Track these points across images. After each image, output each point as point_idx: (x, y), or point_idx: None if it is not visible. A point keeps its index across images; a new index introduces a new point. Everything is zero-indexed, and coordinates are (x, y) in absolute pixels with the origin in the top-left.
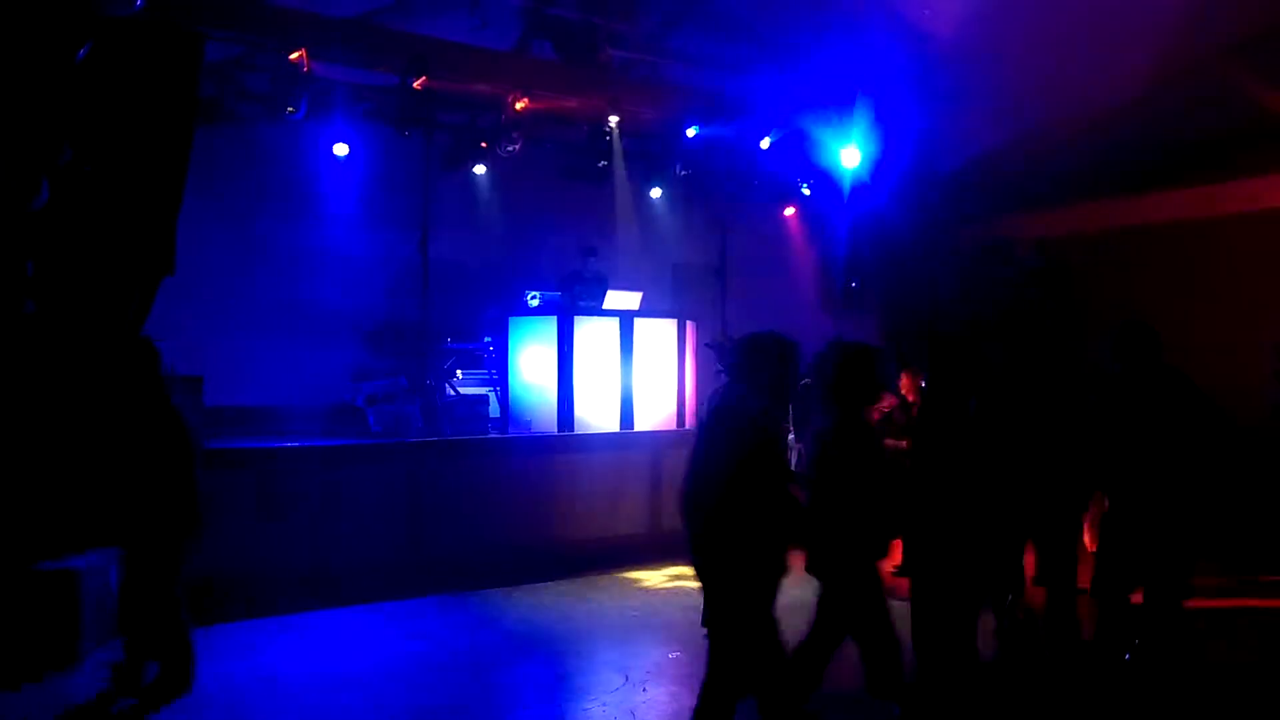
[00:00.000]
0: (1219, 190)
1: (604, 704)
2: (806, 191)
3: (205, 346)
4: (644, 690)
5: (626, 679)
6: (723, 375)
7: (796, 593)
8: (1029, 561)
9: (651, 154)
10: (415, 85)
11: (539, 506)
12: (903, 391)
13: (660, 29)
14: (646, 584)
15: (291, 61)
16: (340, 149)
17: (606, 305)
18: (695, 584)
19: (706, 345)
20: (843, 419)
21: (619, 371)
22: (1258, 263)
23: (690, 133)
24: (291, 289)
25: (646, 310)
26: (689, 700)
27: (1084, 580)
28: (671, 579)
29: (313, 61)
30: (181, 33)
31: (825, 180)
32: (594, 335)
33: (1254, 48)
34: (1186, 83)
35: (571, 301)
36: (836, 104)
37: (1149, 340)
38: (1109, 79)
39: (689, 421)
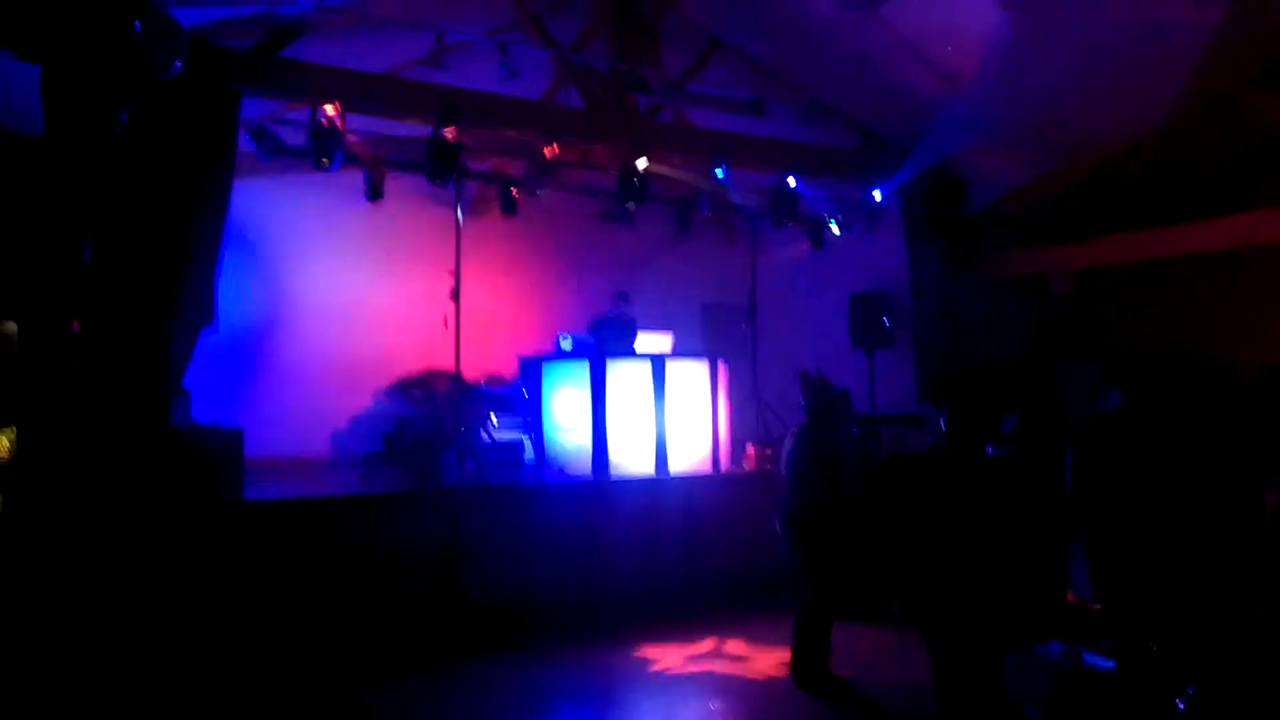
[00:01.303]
0: (1249, 219)
1: None
2: (836, 230)
3: (244, 399)
4: None
5: None
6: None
7: None
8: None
9: (680, 196)
10: (446, 135)
11: (575, 552)
12: None
13: (685, 75)
14: (685, 631)
15: (325, 116)
16: (375, 199)
17: (638, 347)
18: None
19: (799, 374)
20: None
21: (652, 414)
22: None
23: (718, 174)
24: (327, 338)
25: (678, 351)
26: None
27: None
28: (709, 626)
29: (346, 114)
30: (218, 92)
31: (855, 217)
32: (627, 378)
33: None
34: (1210, 114)
35: (603, 344)
36: (859, 142)
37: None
38: (1132, 112)
39: (724, 463)
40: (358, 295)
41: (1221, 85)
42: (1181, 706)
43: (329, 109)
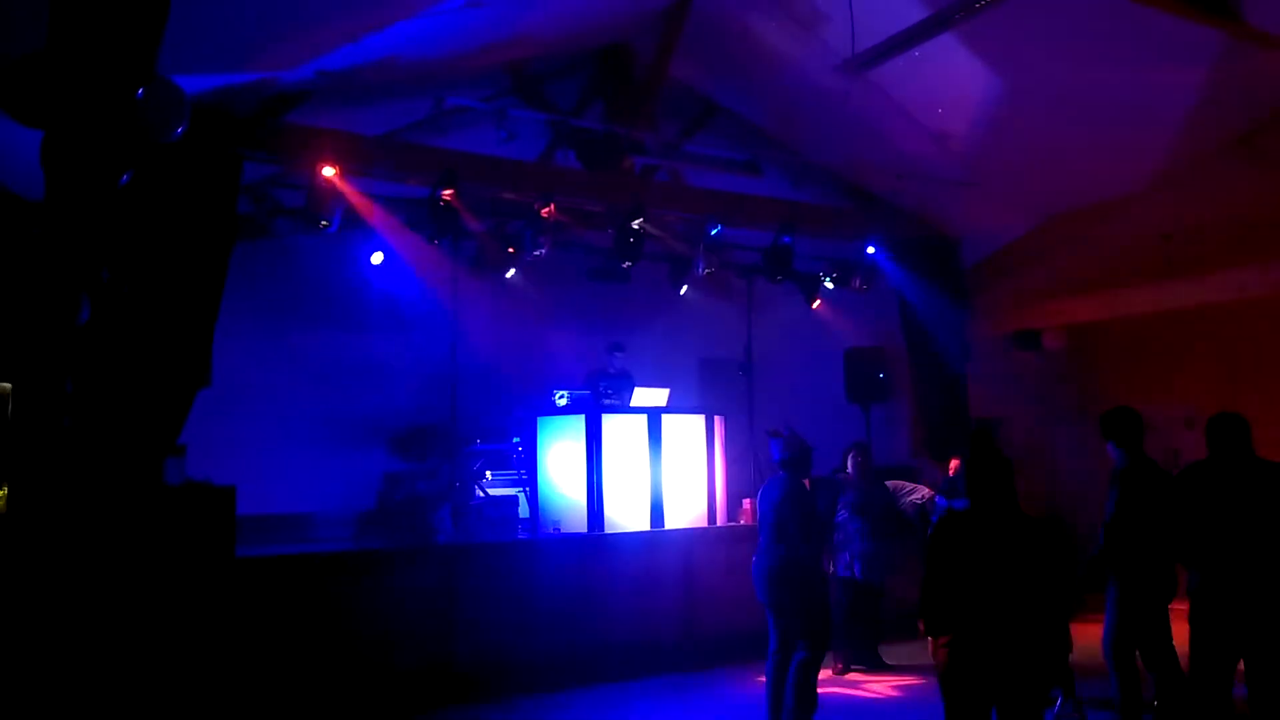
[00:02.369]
0: (1242, 274)
1: None
2: (830, 285)
3: (237, 455)
4: None
5: None
6: (776, 466)
7: None
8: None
9: (676, 254)
10: (444, 196)
11: (571, 609)
12: (951, 475)
13: (680, 137)
14: (683, 688)
15: (325, 179)
16: (375, 258)
17: (634, 402)
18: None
19: (768, 433)
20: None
21: (648, 469)
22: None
23: (712, 232)
24: (322, 395)
25: (674, 406)
26: None
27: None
28: (707, 685)
29: (345, 176)
30: (220, 156)
31: (849, 273)
32: (622, 433)
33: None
34: (1200, 171)
35: (599, 399)
36: (851, 201)
37: (1241, 430)
38: (1124, 169)
39: (720, 519)
40: (355, 352)
41: (1211, 145)
42: None
43: (328, 171)
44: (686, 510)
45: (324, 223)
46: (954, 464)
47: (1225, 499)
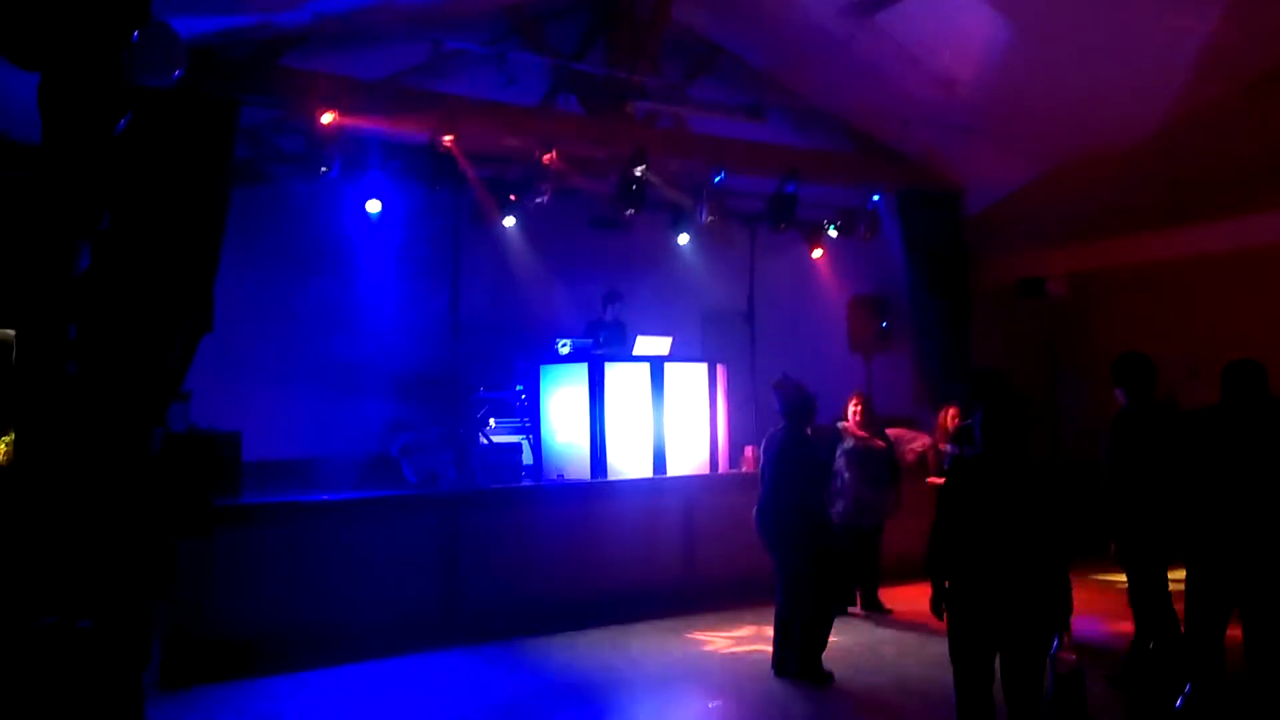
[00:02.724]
0: (1247, 223)
1: None
2: (834, 234)
3: (242, 402)
4: None
5: None
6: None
7: None
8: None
9: (679, 201)
10: (444, 142)
11: (573, 554)
12: (945, 425)
13: (683, 81)
14: (683, 631)
15: (324, 124)
16: (373, 206)
17: (637, 351)
18: (730, 630)
19: (773, 384)
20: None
21: (650, 417)
22: None
23: (715, 180)
24: (326, 343)
25: (677, 355)
26: None
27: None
28: (708, 626)
29: (344, 122)
30: (217, 101)
31: (853, 222)
32: (625, 381)
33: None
34: (1208, 118)
35: (602, 348)
36: (856, 147)
37: (1257, 375)
38: (1127, 117)
39: (722, 466)
40: (358, 299)
41: (1218, 91)
42: (1179, 705)
43: (327, 116)
44: (688, 458)
45: (324, 169)
46: (951, 412)
47: (1236, 444)
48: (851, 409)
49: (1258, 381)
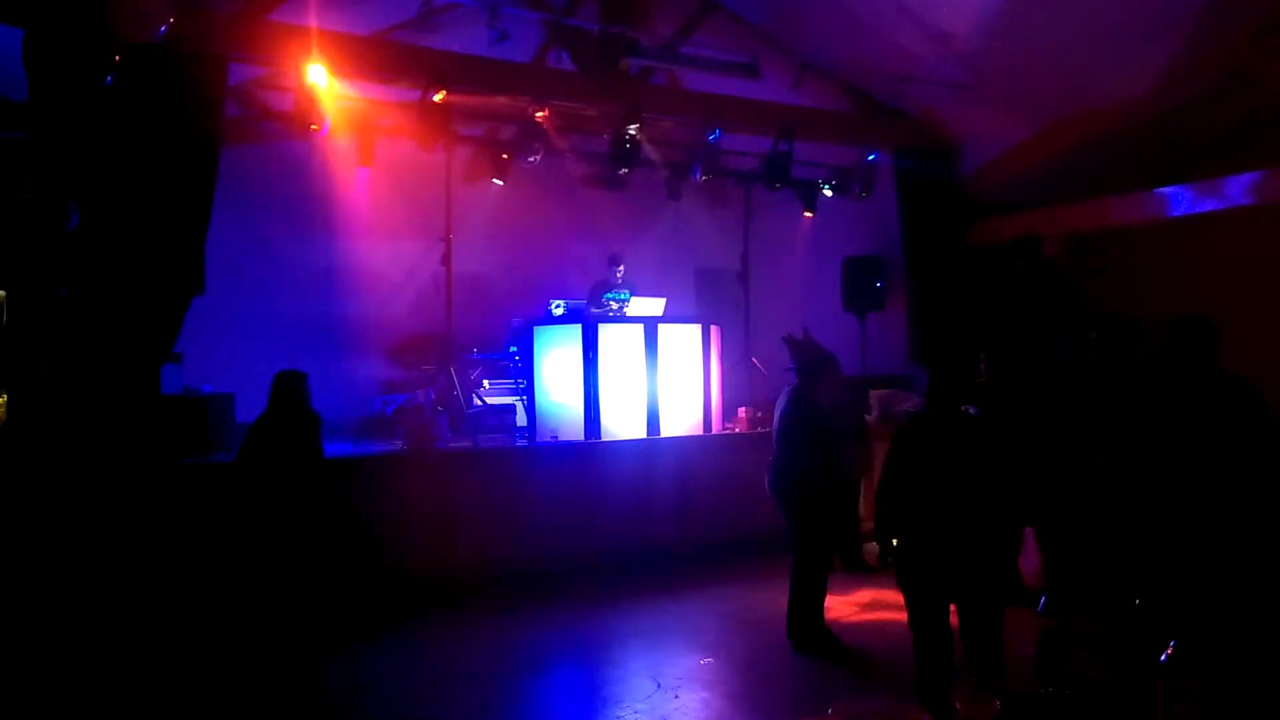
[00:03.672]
0: (1237, 183)
1: (636, 711)
2: (829, 193)
3: (236, 363)
4: (676, 697)
5: (659, 686)
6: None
7: None
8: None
9: (672, 160)
10: (435, 99)
11: (567, 514)
12: None
13: (677, 37)
14: (677, 591)
15: (313, 81)
16: (365, 164)
17: (630, 312)
18: (723, 588)
19: (783, 339)
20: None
21: (644, 378)
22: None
23: (710, 138)
24: (319, 304)
25: (670, 316)
26: (719, 705)
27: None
28: (701, 586)
29: (335, 79)
30: (205, 56)
31: (848, 181)
32: (618, 342)
33: (1261, 43)
34: (1208, 73)
35: (595, 309)
36: (852, 105)
37: (1207, 339)
38: (1127, 72)
39: (715, 426)
40: (350, 260)
41: (1218, 45)
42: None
43: (316, 72)
44: (682, 419)
45: (314, 126)
46: None
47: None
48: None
49: (1202, 344)
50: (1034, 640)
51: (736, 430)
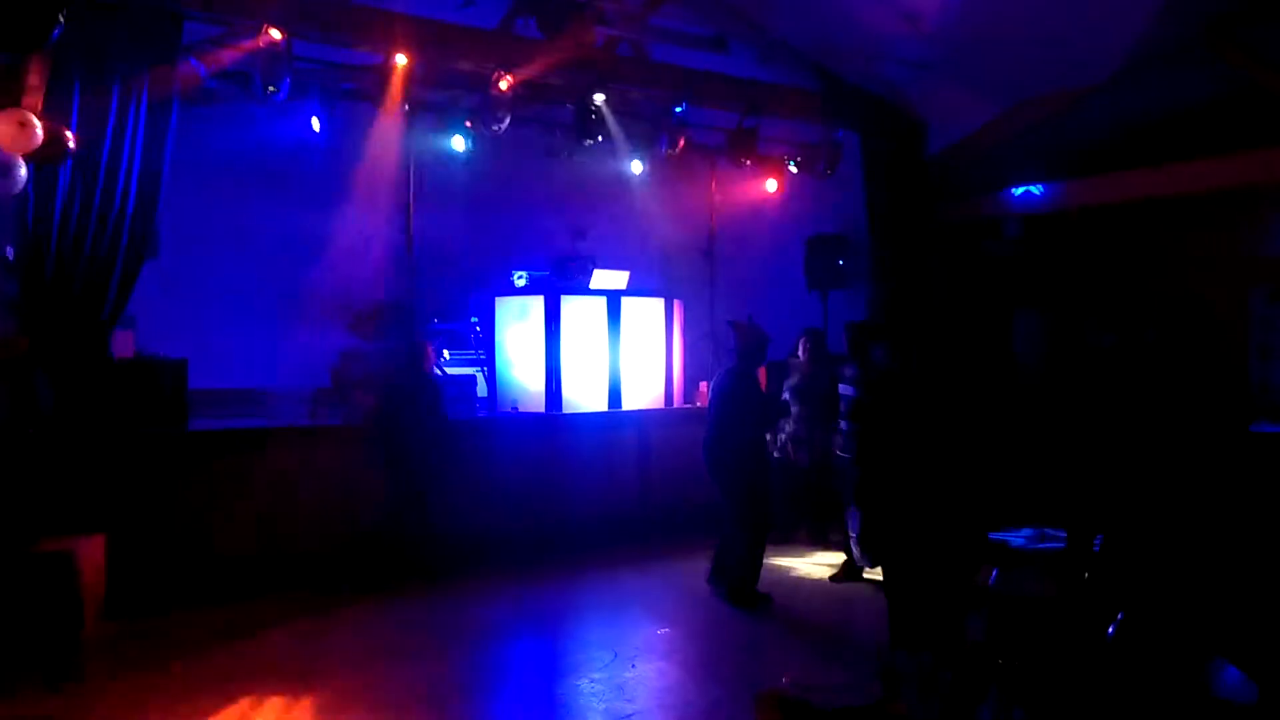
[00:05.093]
0: (1194, 168)
1: (593, 680)
2: (795, 170)
3: (189, 329)
4: (632, 666)
5: (615, 655)
6: (731, 354)
7: None
8: None
9: (638, 133)
10: (398, 65)
11: (528, 486)
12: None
13: (644, 8)
14: (636, 562)
15: (271, 41)
16: (321, 129)
17: (594, 284)
18: (683, 560)
19: (729, 322)
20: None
21: (607, 351)
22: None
23: (677, 110)
24: (275, 270)
25: (634, 289)
26: (675, 675)
27: None
28: (660, 558)
29: (294, 41)
30: (158, 12)
31: (814, 158)
32: (581, 315)
33: (1241, 20)
34: (1174, 57)
35: (558, 281)
36: (819, 82)
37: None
38: (1092, 55)
39: (677, 400)
40: (309, 226)
41: (1183, 29)
42: (1111, 632)
43: (274, 34)
44: (644, 392)
45: (271, 88)
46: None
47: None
48: (801, 345)
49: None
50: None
51: (699, 405)
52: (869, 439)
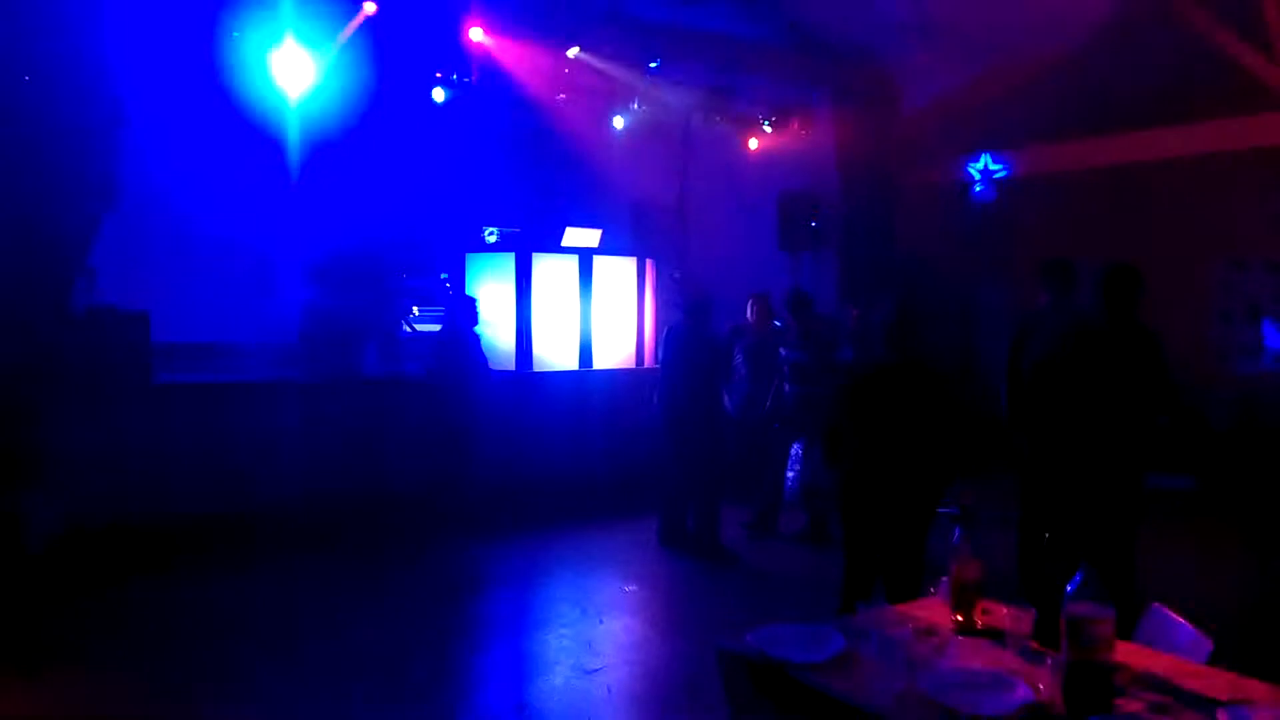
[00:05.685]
0: (1158, 136)
1: (561, 635)
2: (768, 129)
3: (152, 282)
4: (600, 622)
5: (583, 612)
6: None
7: None
8: None
9: (613, 89)
10: (367, 9)
11: (497, 445)
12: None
13: None
14: (604, 520)
15: None
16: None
17: (565, 242)
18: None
19: (670, 276)
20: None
21: (578, 309)
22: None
23: (651, 66)
24: (240, 223)
25: (606, 248)
26: (642, 631)
27: None
28: (629, 516)
29: None
30: None
31: (787, 116)
32: (553, 273)
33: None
34: (1126, 35)
35: (530, 238)
36: (794, 39)
37: (1131, 287)
38: (1060, 23)
39: (648, 360)
40: (274, 176)
41: (1140, 7)
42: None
43: None
44: (615, 351)
45: (235, 34)
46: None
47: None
48: (750, 308)
49: (1124, 292)
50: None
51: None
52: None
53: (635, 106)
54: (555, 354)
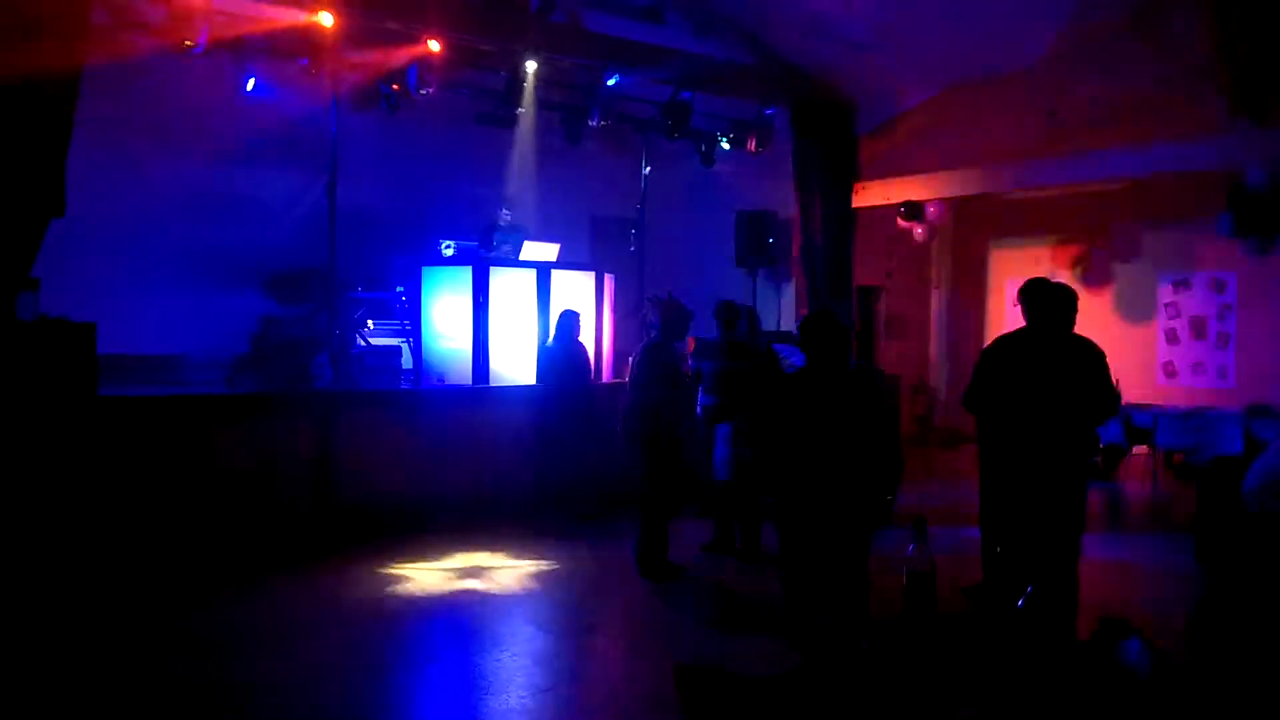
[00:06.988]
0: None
1: (514, 654)
2: (727, 145)
3: (99, 292)
4: (557, 640)
5: (539, 629)
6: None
7: None
8: None
9: (571, 103)
10: (323, 24)
11: (454, 459)
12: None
13: None
14: (564, 537)
15: None
16: (247, 85)
17: (523, 256)
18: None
19: (649, 299)
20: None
21: (536, 323)
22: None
23: (610, 82)
24: (191, 231)
25: (564, 262)
26: (596, 647)
27: None
28: (588, 533)
29: None
30: None
31: (746, 134)
32: (510, 286)
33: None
34: (1091, 48)
35: (487, 252)
36: (754, 58)
37: (1065, 303)
38: (1017, 41)
39: (606, 375)
40: (226, 186)
41: (1104, 20)
42: (1020, 605)
43: None
44: None
45: (188, 42)
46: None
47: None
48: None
49: (1060, 309)
50: (898, 582)
51: (627, 379)
52: (782, 434)
53: (595, 121)
54: (512, 368)
